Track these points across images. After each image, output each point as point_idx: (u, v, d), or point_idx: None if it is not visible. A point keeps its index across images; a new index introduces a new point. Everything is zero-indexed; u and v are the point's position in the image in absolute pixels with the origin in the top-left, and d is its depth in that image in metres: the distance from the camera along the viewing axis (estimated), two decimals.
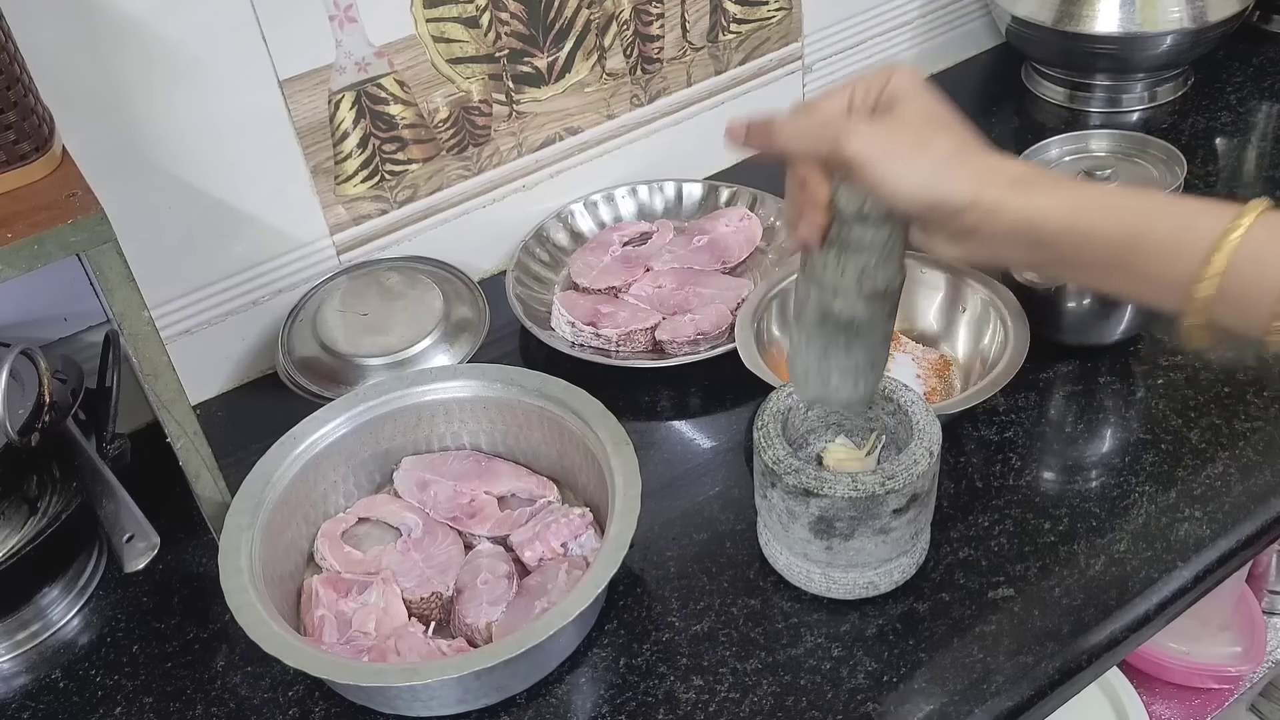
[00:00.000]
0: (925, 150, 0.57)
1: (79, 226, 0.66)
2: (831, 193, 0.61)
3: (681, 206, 1.15)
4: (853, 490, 0.70)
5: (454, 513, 0.85)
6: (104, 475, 0.80)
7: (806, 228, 0.63)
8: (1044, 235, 0.56)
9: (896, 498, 0.71)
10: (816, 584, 0.77)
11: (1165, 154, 0.91)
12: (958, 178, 0.56)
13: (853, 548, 0.73)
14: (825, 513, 0.72)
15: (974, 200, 0.56)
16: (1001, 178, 0.57)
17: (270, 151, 0.96)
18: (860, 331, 0.66)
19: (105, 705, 0.78)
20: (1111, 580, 0.77)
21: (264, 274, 1.01)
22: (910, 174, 0.57)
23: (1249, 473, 0.83)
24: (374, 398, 0.86)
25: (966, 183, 0.56)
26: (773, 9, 1.19)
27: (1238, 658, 1.19)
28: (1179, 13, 1.15)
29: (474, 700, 0.74)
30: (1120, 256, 0.55)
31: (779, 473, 0.72)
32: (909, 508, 0.72)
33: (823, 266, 0.64)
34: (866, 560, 0.74)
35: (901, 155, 0.57)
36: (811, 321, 0.67)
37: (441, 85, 1.02)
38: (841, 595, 0.77)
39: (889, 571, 0.76)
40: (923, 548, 0.78)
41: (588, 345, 0.99)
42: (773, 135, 0.61)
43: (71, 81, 0.84)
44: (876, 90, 0.61)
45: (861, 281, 0.64)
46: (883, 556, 0.74)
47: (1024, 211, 0.56)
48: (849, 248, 0.63)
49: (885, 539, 0.73)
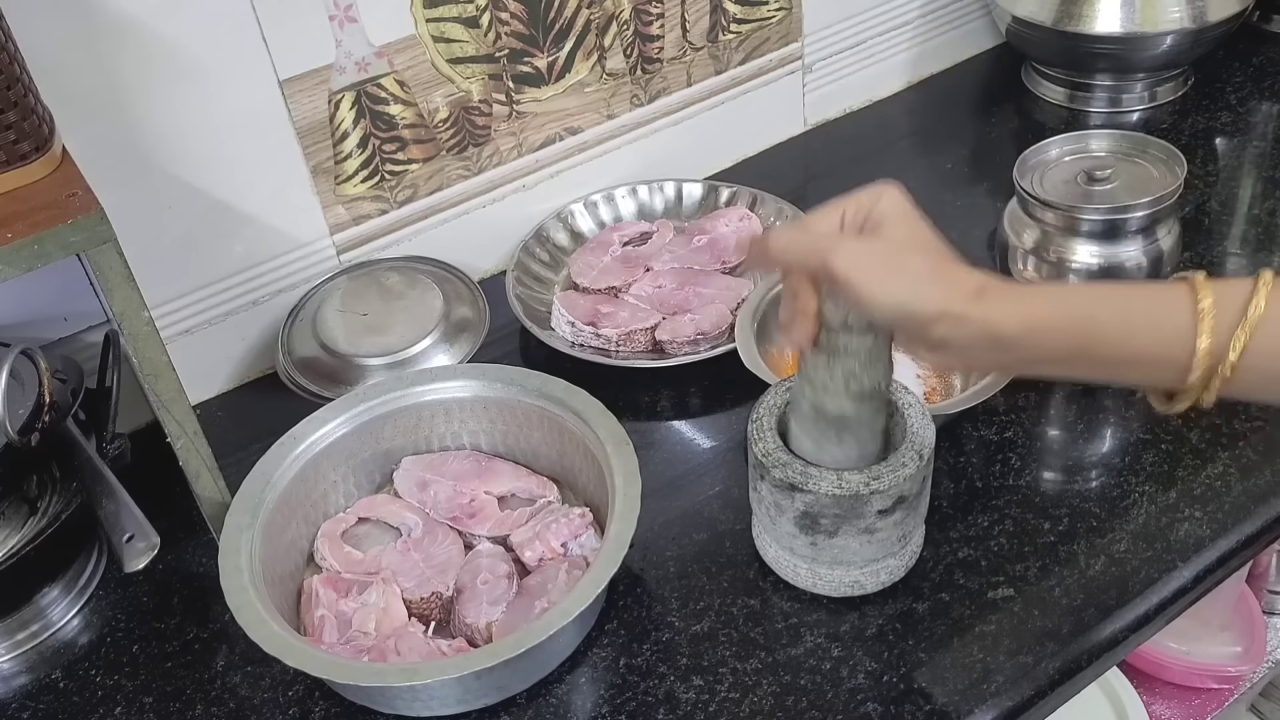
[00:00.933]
0: (901, 270, 0.63)
1: (79, 226, 0.66)
2: (820, 303, 0.67)
3: (681, 206, 1.15)
4: (837, 488, 0.71)
5: (454, 513, 0.85)
6: (104, 475, 0.80)
7: (798, 334, 0.69)
8: (1004, 338, 0.61)
9: (881, 499, 0.71)
10: (803, 579, 0.77)
11: (1165, 154, 0.91)
12: (927, 295, 0.62)
13: (837, 545, 0.74)
14: (810, 508, 0.72)
15: (941, 313, 0.61)
16: (964, 292, 0.62)
17: (270, 151, 0.96)
18: (850, 426, 0.72)
19: (105, 705, 0.78)
20: (1111, 580, 0.77)
21: (264, 274, 1.01)
22: (886, 289, 0.62)
23: (1249, 473, 0.83)
24: (374, 398, 0.86)
25: (935, 297, 0.61)
26: (773, 9, 1.19)
27: (1238, 658, 1.19)
28: (1179, 13, 1.15)
29: (474, 700, 0.74)
30: (1076, 346, 0.61)
31: (768, 466, 0.73)
32: (895, 509, 0.72)
33: (814, 369, 0.71)
34: (851, 559, 0.74)
35: (879, 273, 0.62)
36: (806, 416, 0.73)
37: (441, 85, 1.02)
38: (827, 592, 0.77)
39: (875, 572, 0.76)
40: (913, 551, 0.78)
41: (588, 345, 0.99)
42: (769, 250, 0.66)
43: (71, 81, 0.84)
44: (866, 210, 0.66)
45: (849, 383, 0.70)
46: (869, 556, 0.75)
47: (984, 320, 0.61)
48: (837, 353, 0.69)
49: (870, 539, 0.73)
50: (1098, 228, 0.87)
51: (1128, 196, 0.88)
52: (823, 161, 1.25)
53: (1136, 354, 0.60)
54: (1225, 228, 1.07)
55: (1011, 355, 0.62)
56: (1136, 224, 0.87)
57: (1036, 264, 0.90)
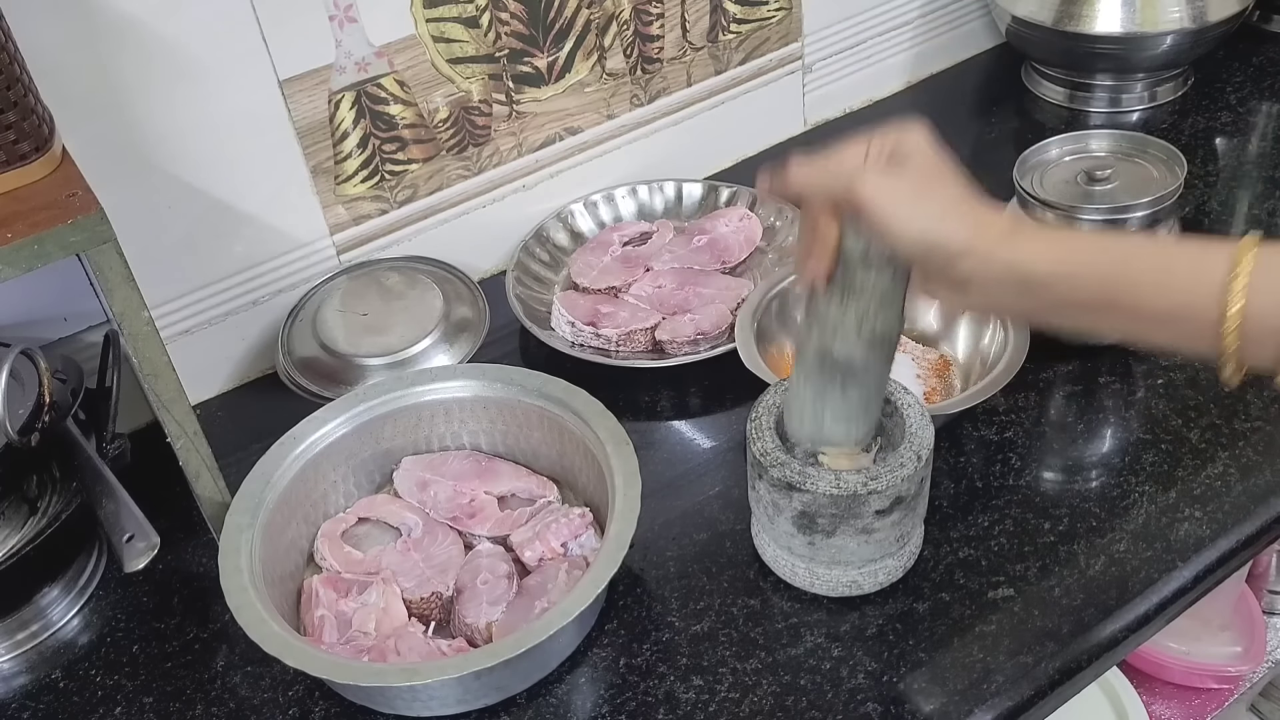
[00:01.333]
0: (928, 199, 0.62)
1: (79, 226, 0.66)
2: (839, 235, 0.65)
3: (681, 206, 1.15)
4: (834, 488, 0.71)
5: (454, 513, 0.85)
6: (104, 475, 0.80)
7: (814, 266, 0.67)
8: (1035, 280, 0.60)
9: (879, 499, 0.71)
10: (801, 578, 0.77)
11: (1165, 154, 0.91)
12: (955, 226, 0.61)
13: (835, 545, 0.74)
14: (807, 508, 0.72)
15: (968, 247, 0.60)
16: (994, 230, 0.61)
17: (270, 151, 0.96)
18: (857, 375, 0.70)
19: (105, 705, 0.78)
20: (1111, 580, 0.77)
21: (264, 274, 1.01)
22: (913, 219, 0.61)
23: (1249, 473, 0.83)
24: (374, 398, 0.86)
25: (962, 231, 0.61)
26: (773, 9, 1.19)
27: (1238, 658, 1.19)
28: (1179, 13, 1.15)
29: (474, 700, 0.74)
30: (1108, 294, 0.59)
31: (766, 465, 0.73)
32: (893, 510, 0.72)
33: (826, 307, 0.68)
34: (849, 559, 0.75)
35: (906, 201, 0.61)
36: (811, 361, 0.71)
37: (441, 85, 1.02)
38: (825, 591, 0.77)
39: (873, 572, 0.76)
40: (911, 551, 0.78)
41: (588, 345, 0.99)
42: (791, 179, 0.66)
43: (71, 81, 0.84)
44: (890, 145, 0.65)
45: (862, 325, 0.67)
46: (866, 556, 0.75)
47: (1014, 259, 0.60)
48: (852, 291, 0.67)
49: (868, 539, 0.73)
50: (1098, 228, 0.87)
51: (1128, 197, 0.88)
52: None
53: (1167, 311, 0.57)
54: (1225, 228, 1.07)
55: (1037, 299, 0.60)
56: (1137, 224, 0.87)
57: None
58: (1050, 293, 0.59)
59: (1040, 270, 0.59)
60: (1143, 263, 0.58)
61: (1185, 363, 0.92)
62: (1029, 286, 0.60)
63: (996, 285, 0.60)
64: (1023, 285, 0.60)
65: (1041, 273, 0.59)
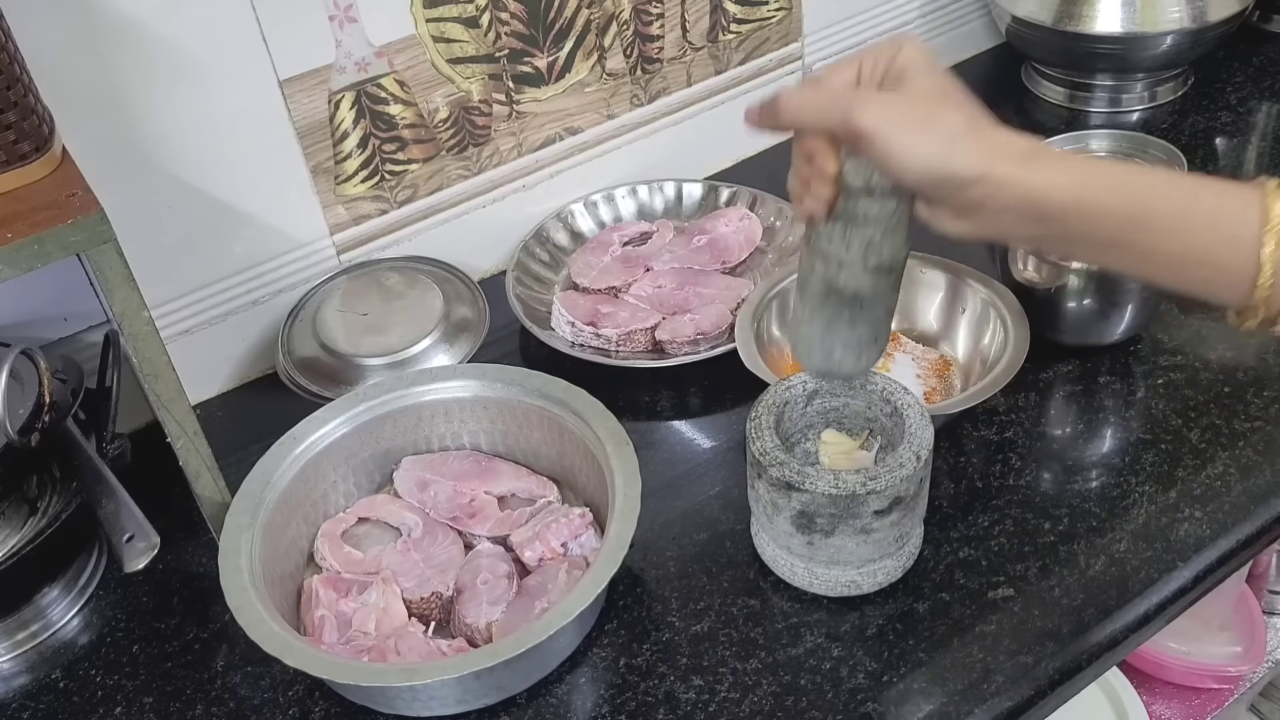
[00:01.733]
0: (935, 124, 0.58)
1: (79, 226, 0.66)
2: (839, 165, 0.61)
3: (681, 206, 1.15)
4: (833, 488, 0.71)
5: (454, 513, 0.85)
6: (104, 475, 0.80)
7: (813, 201, 0.63)
8: (1049, 210, 0.56)
9: (878, 499, 0.71)
10: (800, 578, 0.77)
11: (1165, 154, 0.91)
12: (967, 152, 0.57)
13: (833, 545, 0.74)
14: (806, 508, 0.72)
15: (983, 174, 0.56)
16: (1010, 153, 0.57)
17: (270, 151, 0.96)
18: (865, 304, 0.67)
19: (105, 705, 0.78)
20: (1111, 580, 0.77)
21: (264, 274, 1.01)
22: (920, 147, 0.57)
23: (1249, 473, 0.83)
24: (374, 398, 0.86)
25: (976, 157, 0.57)
26: (773, 9, 1.19)
27: (1238, 658, 1.19)
28: (1179, 13, 1.15)
29: (474, 700, 0.74)
30: (1124, 232, 0.56)
31: (765, 464, 0.73)
32: (892, 510, 0.72)
33: (828, 240, 0.65)
34: (848, 559, 0.74)
35: (912, 128, 0.57)
36: (816, 294, 0.67)
37: (441, 85, 1.02)
38: (824, 591, 0.77)
39: (872, 573, 0.76)
40: (911, 552, 0.78)
41: (588, 345, 0.99)
42: (781, 109, 0.61)
43: (71, 81, 0.84)
44: (885, 63, 0.61)
45: (867, 255, 0.64)
46: (865, 556, 0.75)
47: (1031, 186, 0.56)
48: (855, 221, 0.63)
49: (867, 539, 0.73)
50: None
51: None
52: None
53: (1191, 253, 0.55)
54: None
55: (1051, 229, 0.57)
56: None
57: (1036, 263, 0.90)
58: (1064, 225, 0.57)
59: (1055, 201, 0.56)
60: (1163, 203, 0.56)
61: (1185, 363, 0.92)
62: (1042, 217, 0.57)
63: (1009, 214, 0.57)
64: (1037, 215, 0.57)
65: (1056, 204, 0.56)
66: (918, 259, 0.95)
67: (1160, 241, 0.55)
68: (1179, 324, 0.96)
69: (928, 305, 0.95)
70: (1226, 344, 0.93)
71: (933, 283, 0.95)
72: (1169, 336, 0.95)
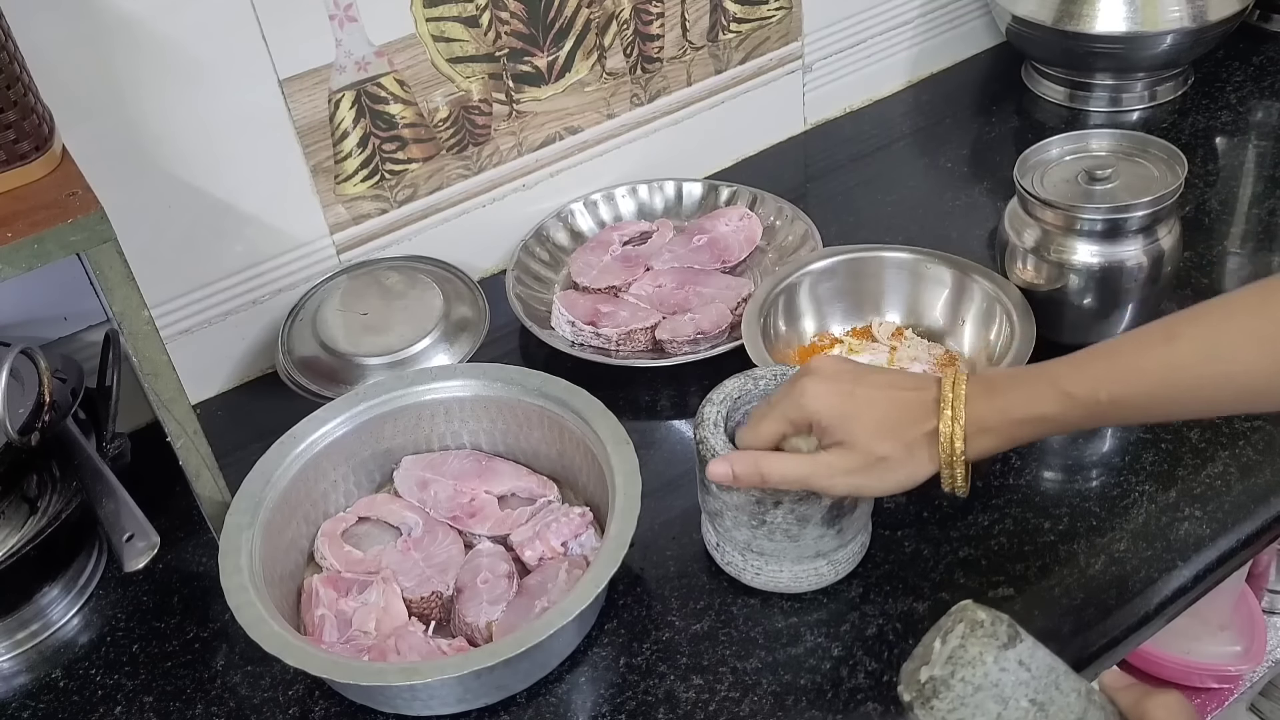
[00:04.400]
0: (886, 464, 0.69)
1: (79, 226, 0.66)
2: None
3: (681, 206, 1.15)
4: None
5: (454, 512, 0.85)
6: (104, 475, 0.80)
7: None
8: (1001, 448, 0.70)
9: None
10: (769, 579, 0.77)
11: (1166, 153, 0.91)
12: (921, 463, 0.69)
13: (807, 536, 0.75)
14: (785, 513, 0.73)
15: (936, 468, 0.70)
16: (949, 451, 0.68)
17: (270, 151, 0.96)
18: None
19: (105, 704, 0.78)
20: (1111, 580, 0.77)
21: (264, 273, 1.01)
22: (891, 484, 0.70)
23: (1249, 472, 0.83)
24: (374, 397, 0.86)
25: (930, 462, 0.69)
26: (773, 8, 1.19)
27: (1238, 657, 1.19)
28: (1179, 12, 1.15)
29: (474, 699, 0.74)
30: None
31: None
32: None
33: None
34: (820, 548, 0.76)
35: (875, 478, 0.69)
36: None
37: (441, 84, 1.02)
38: (806, 588, 0.78)
39: (842, 559, 0.78)
40: (862, 542, 0.80)
41: (588, 344, 0.99)
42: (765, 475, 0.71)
43: (71, 81, 0.84)
44: (803, 420, 0.71)
45: None
46: (834, 545, 0.76)
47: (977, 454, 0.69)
48: None
49: (837, 530, 0.75)
50: (1098, 227, 0.87)
51: (1128, 196, 0.87)
52: (823, 161, 1.25)
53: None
54: (1226, 227, 1.07)
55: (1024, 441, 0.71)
56: (1137, 223, 0.87)
57: (1037, 263, 0.90)
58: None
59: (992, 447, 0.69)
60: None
61: None
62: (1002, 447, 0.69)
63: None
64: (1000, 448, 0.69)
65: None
66: (924, 255, 0.95)
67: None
68: None
69: (934, 301, 0.95)
70: None
71: (939, 279, 0.95)
72: None
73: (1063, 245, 0.89)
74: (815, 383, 0.70)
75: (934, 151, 1.24)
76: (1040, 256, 0.90)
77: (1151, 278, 0.89)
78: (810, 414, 0.70)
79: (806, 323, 0.97)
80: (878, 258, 0.97)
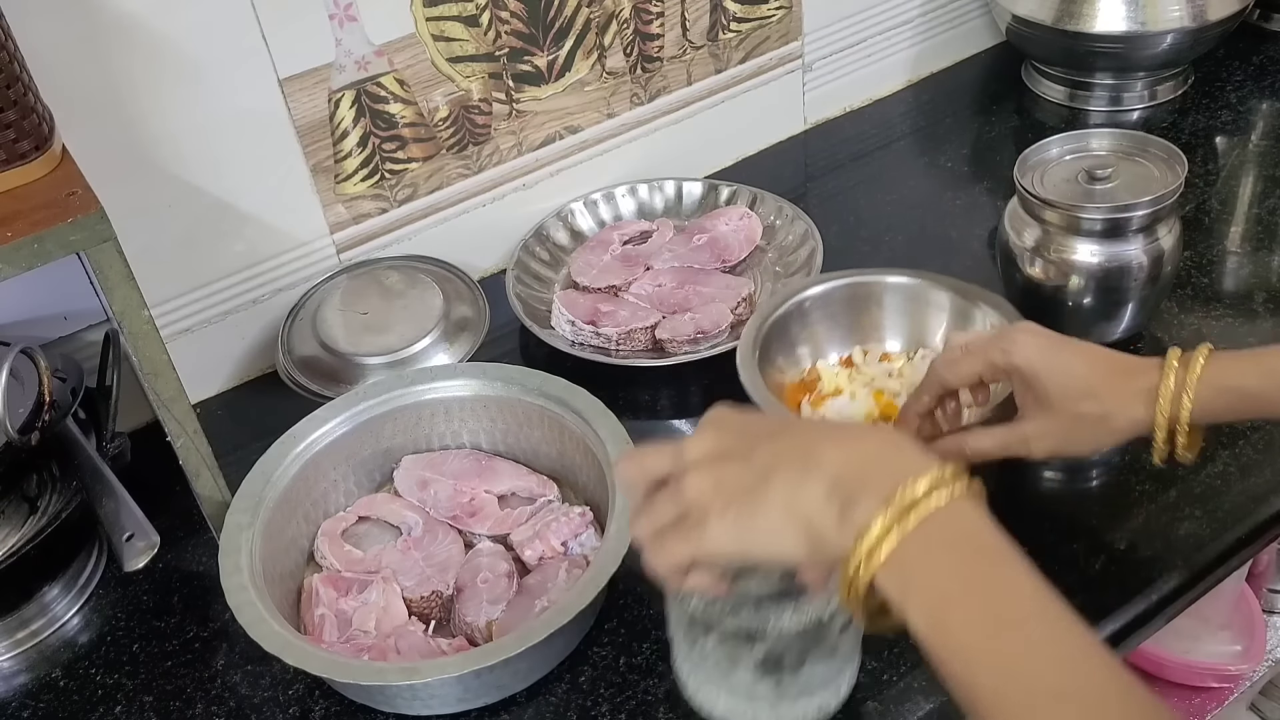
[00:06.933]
0: (1086, 422, 0.70)
1: (79, 225, 0.66)
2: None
3: (681, 205, 1.15)
4: (799, 624, 0.64)
5: (454, 511, 0.85)
6: (104, 474, 0.80)
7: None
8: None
9: (843, 613, 0.65)
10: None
11: (1166, 153, 0.91)
12: (1130, 423, 0.70)
13: (804, 676, 0.67)
14: (772, 651, 0.65)
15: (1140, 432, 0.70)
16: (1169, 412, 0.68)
17: (270, 150, 0.96)
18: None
19: (105, 704, 0.78)
20: (1111, 580, 0.77)
21: (264, 273, 1.01)
22: (1089, 446, 0.72)
23: (1249, 472, 0.83)
24: (374, 397, 0.86)
25: (1132, 427, 0.70)
26: (773, 8, 1.19)
27: (1238, 656, 1.19)
28: (1179, 11, 1.15)
29: (474, 699, 0.74)
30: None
31: (716, 616, 0.65)
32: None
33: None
34: (818, 683, 0.68)
35: (1075, 440, 0.71)
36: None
37: (441, 84, 1.02)
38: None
39: (837, 687, 0.70)
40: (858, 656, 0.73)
41: (588, 344, 0.99)
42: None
43: (71, 81, 0.84)
44: (1007, 366, 0.72)
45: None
46: (833, 673, 0.69)
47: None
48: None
49: (834, 655, 0.68)
50: (1099, 226, 0.87)
51: (1128, 195, 0.87)
52: (823, 160, 1.25)
53: None
54: (1226, 226, 1.07)
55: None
56: (1137, 223, 0.87)
57: (1037, 263, 0.90)
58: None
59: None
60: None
61: None
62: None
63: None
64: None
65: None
66: (927, 279, 0.91)
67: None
68: (1179, 323, 0.96)
69: (936, 326, 0.92)
70: (1226, 343, 0.93)
71: (939, 304, 0.91)
72: (1169, 336, 0.95)
73: (1063, 245, 0.89)
74: (1027, 335, 0.72)
75: (934, 151, 1.24)
76: (1040, 256, 0.90)
77: (1151, 277, 0.89)
78: (1017, 362, 0.71)
79: (802, 350, 0.93)
80: (878, 282, 0.92)
